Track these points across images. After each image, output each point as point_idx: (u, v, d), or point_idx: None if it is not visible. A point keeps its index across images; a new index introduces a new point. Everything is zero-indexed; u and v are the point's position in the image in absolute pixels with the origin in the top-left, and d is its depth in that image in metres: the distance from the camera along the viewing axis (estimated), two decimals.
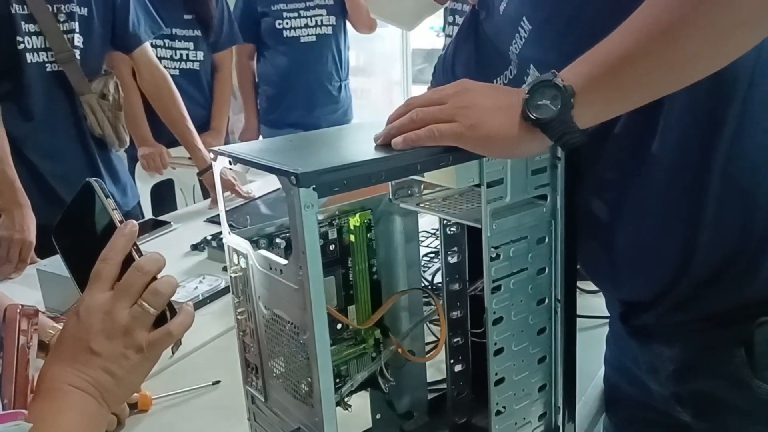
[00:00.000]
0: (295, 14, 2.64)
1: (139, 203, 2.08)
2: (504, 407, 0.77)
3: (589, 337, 1.08)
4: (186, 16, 2.34)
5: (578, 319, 0.83)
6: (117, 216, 0.66)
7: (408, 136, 0.66)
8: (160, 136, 2.26)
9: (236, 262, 0.72)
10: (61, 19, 1.65)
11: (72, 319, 0.60)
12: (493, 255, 0.73)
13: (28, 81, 1.64)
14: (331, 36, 2.69)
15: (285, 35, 2.65)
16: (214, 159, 0.69)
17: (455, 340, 0.89)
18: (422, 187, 0.83)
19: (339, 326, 0.81)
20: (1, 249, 1.51)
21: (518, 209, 0.75)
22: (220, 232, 0.78)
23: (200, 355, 1.16)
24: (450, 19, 1.99)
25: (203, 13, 2.36)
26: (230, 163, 0.67)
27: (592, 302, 1.13)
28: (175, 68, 2.35)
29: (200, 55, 2.39)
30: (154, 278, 0.63)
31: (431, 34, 4.00)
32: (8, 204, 1.54)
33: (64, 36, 1.66)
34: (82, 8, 1.69)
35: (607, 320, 1.03)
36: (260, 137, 2.87)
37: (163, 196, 2.38)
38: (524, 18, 0.78)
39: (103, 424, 0.59)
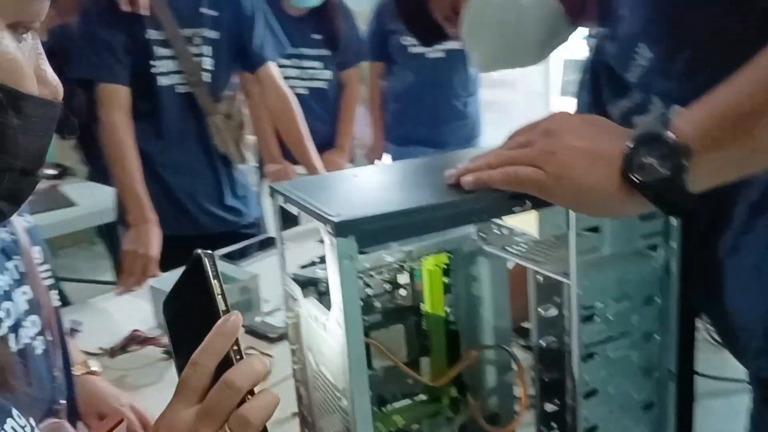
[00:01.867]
0: None
1: (262, 218, 2.12)
2: None
3: (724, 407, 0.90)
4: (315, 36, 2.37)
5: (705, 380, 0.68)
6: (221, 303, 0.52)
7: (479, 175, 0.57)
8: None
9: (291, 306, 0.67)
10: (194, 44, 1.72)
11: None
12: (586, 315, 0.62)
13: (160, 102, 1.72)
14: (459, 51, 2.61)
15: (410, 51, 2.61)
16: (272, 195, 0.64)
17: (549, 406, 0.77)
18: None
19: (410, 380, 0.73)
20: (125, 262, 1.59)
21: (620, 262, 0.63)
22: None
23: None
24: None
25: (332, 33, 2.37)
26: (284, 202, 0.62)
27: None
28: (303, 87, 2.38)
29: (327, 74, 2.41)
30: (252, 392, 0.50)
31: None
32: (136, 219, 1.62)
33: (195, 59, 1.72)
34: (213, 32, 1.75)
35: (747, 385, 0.85)
36: (386, 155, 2.85)
37: (289, 214, 2.41)
38: (641, 44, 0.66)
39: None
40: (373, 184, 0.67)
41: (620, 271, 0.62)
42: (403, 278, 0.72)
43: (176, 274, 0.58)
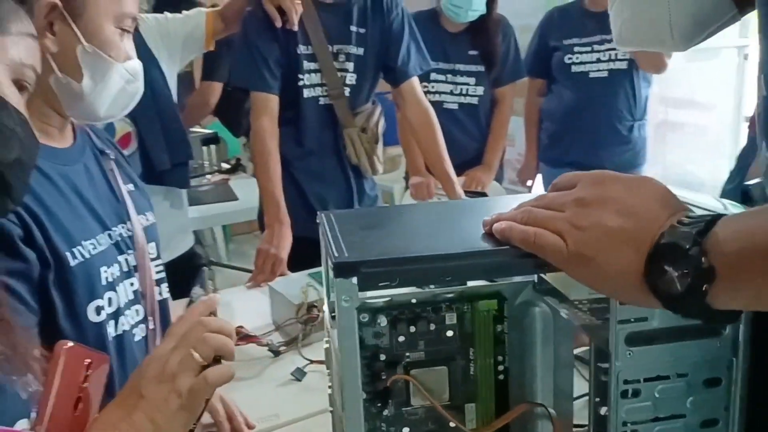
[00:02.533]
0: (588, 48, 2.47)
1: None
2: None
3: None
4: (471, 52, 2.36)
5: None
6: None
7: (504, 228, 0.54)
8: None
9: (328, 331, 0.68)
10: (339, 59, 1.81)
11: (138, 367, 0.63)
12: (625, 390, 0.56)
13: (303, 112, 1.83)
14: (625, 71, 2.45)
15: (573, 70, 2.50)
16: (318, 222, 0.66)
17: None
18: None
19: (452, 424, 0.71)
20: (258, 259, 1.71)
21: (674, 336, 0.56)
22: None
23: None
24: None
25: (488, 49, 2.35)
26: (321, 233, 0.63)
27: None
28: (454, 102, 2.39)
29: (480, 90, 2.39)
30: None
31: None
32: (271, 220, 1.74)
33: (339, 74, 1.81)
34: (358, 48, 1.83)
35: None
36: (539, 175, 2.76)
37: None
38: None
39: None
40: (403, 223, 0.66)
41: (674, 347, 0.56)
42: (451, 317, 0.70)
43: (302, 275, 0.69)
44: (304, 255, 1.43)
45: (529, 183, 2.78)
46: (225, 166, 3.15)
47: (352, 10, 1.81)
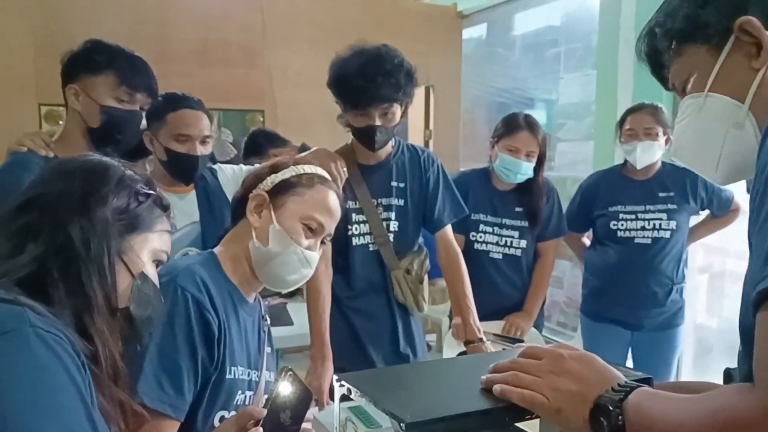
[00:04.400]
0: (632, 216, 2.64)
1: None
2: None
3: None
4: (517, 209, 2.57)
5: None
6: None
7: (506, 389, 0.76)
8: None
9: None
10: (381, 210, 2.06)
11: None
12: None
13: (353, 258, 2.06)
14: (668, 240, 2.60)
15: (619, 235, 2.66)
16: (338, 381, 0.84)
17: None
18: None
19: None
20: None
21: None
22: None
23: None
24: None
25: (533, 208, 2.54)
26: (348, 392, 0.81)
27: None
28: (499, 252, 2.57)
29: (523, 243, 2.56)
30: None
31: None
32: (315, 354, 1.93)
33: (383, 223, 2.05)
34: (399, 200, 2.08)
35: None
36: (579, 326, 2.86)
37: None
38: None
39: None
40: (427, 381, 0.84)
41: None
42: None
43: (343, 408, 0.91)
44: None
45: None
46: (284, 292, 3.37)
47: (392, 167, 2.09)
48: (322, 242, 1.34)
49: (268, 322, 1.40)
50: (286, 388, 0.92)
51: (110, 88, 1.72)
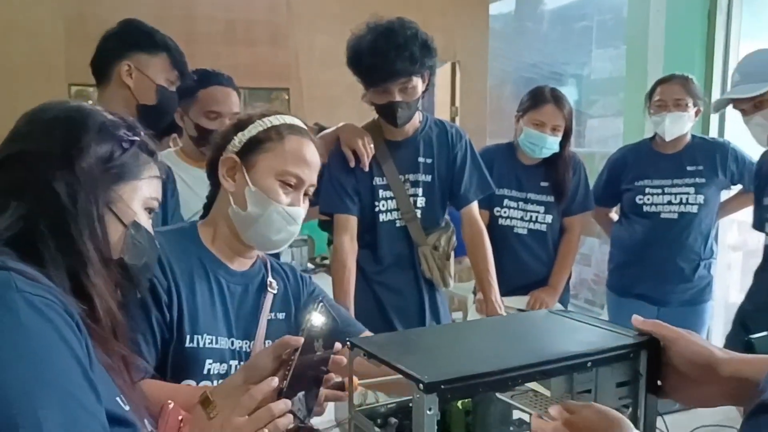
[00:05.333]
0: (659, 191, 2.61)
1: None
2: None
3: None
4: (543, 183, 2.55)
5: None
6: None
7: None
8: None
9: None
10: (408, 186, 2.06)
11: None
12: None
13: (381, 233, 2.08)
14: (695, 215, 2.56)
15: (645, 210, 2.62)
16: (351, 348, 0.85)
17: None
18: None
19: None
20: None
21: None
22: None
23: None
24: None
25: (559, 182, 2.52)
26: (364, 356, 0.83)
27: None
28: (524, 228, 2.56)
29: (549, 218, 2.55)
30: None
31: None
32: None
33: (410, 198, 2.06)
34: (426, 176, 2.08)
35: None
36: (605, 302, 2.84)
37: None
38: None
39: None
40: (443, 343, 0.86)
41: None
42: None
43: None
44: None
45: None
46: (309, 266, 3.43)
47: (420, 143, 2.09)
48: (306, 194, 1.28)
49: (275, 290, 1.32)
50: (318, 318, 0.92)
51: (164, 69, 1.77)
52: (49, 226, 0.80)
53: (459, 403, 0.89)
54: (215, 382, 1.17)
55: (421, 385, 0.70)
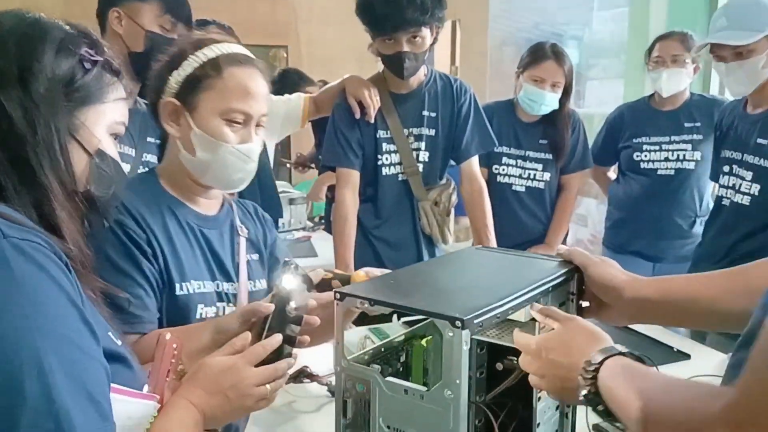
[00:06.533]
0: (657, 147, 2.61)
1: None
2: None
3: None
4: (541, 141, 2.55)
5: None
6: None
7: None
8: None
9: (350, 387, 0.87)
10: (412, 140, 2.07)
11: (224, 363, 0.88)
12: None
13: (382, 187, 2.10)
14: (692, 171, 2.57)
15: (642, 166, 2.63)
16: (340, 299, 0.87)
17: None
18: None
19: None
20: None
21: None
22: None
23: None
24: None
25: (558, 140, 2.53)
26: (371, 304, 0.84)
27: None
28: (521, 185, 2.57)
29: (547, 176, 2.56)
30: None
31: None
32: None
33: (413, 153, 2.07)
34: (430, 130, 2.09)
35: None
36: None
37: None
38: None
39: (194, 424, 0.84)
40: (433, 282, 0.91)
41: None
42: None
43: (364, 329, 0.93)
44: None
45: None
46: (309, 224, 3.45)
47: (425, 96, 2.08)
48: (258, 125, 1.21)
49: (246, 231, 1.29)
50: (290, 282, 0.93)
51: (155, 15, 1.74)
52: (8, 158, 0.74)
53: (423, 341, 0.92)
54: None
55: (458, 323, 0.73)
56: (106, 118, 0.83)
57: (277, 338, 0.91)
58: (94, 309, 0.76)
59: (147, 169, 1.63)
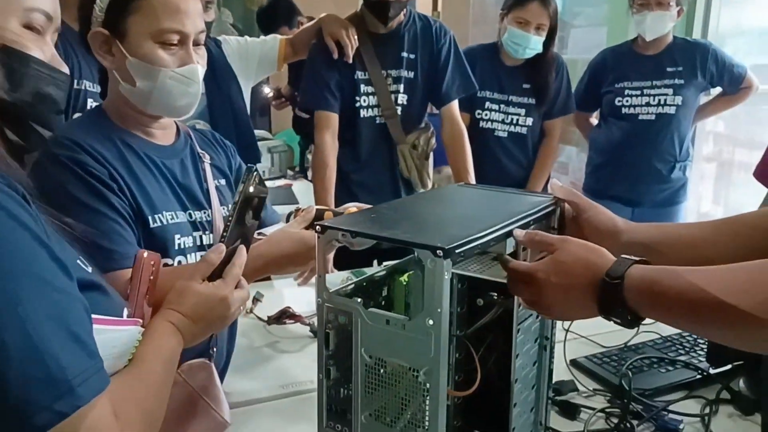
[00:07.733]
0: (638, 92, 2.60)
1: None
2: None
3: None
4: (525, 85, 2.52)
5: None
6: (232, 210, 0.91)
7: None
8: None
9: (332, 318, 0.86)
10: (390, 82, 2.03)
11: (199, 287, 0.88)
12: None
13: (360, 130, 2.07)
14: (673, 116, 2.57)
15: (623, 111, 2.63)
16: (321, 232, 0.85)
17: None
18: None
19: None
20: None
21: None
22: None
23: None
24: None
25: (541, 84, 2.50)
26: (352, 236, 0.82)
27: None
28: (504, 131, 2.55)
29: (530, 121, 2.54)
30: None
31: None
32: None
33: (391, 95, 2.03)
34: (409, 72, 2.05)
35: None
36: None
37: None
38: None
39: (178, 350, 0.84)
40: (413, 215, 0.92)
41: None
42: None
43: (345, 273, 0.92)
44: (350, 255, 1.65)
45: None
46: (289, 172, 3.42)
47: (404, 38, 2.04)
48: (197, 43, 1.14)
49: (209, 158, 1.26)
50: (251, 189, 0.90)
51: None
52: None
53: (405, 276, 0.92)
54: (190, 256, 1.15)
55: (439, 252, 0.73)
56: (14, 5, 0.69)
57: (244, 252, 0.93)
58: (59, 238, 0.71)
59: None
